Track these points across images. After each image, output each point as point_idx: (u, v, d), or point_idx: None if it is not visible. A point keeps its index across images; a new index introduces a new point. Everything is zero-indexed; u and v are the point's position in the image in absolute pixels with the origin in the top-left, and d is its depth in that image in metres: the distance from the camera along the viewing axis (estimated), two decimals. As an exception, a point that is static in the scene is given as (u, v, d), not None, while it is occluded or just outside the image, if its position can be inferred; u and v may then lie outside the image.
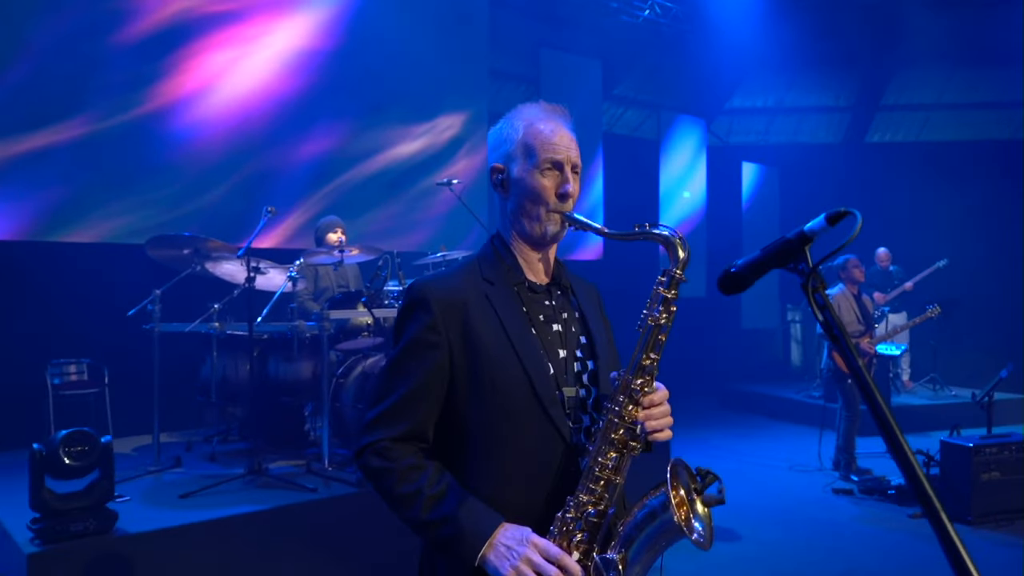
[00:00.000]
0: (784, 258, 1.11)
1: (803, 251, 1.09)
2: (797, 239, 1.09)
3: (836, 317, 1.05)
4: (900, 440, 0.98)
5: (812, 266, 1.06)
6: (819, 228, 1.08)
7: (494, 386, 1.57)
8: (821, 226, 1.07)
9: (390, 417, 1.58)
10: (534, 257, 1.70)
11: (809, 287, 1.06)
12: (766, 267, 1.14)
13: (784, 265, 1.12)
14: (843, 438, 6.44)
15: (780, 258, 1.12)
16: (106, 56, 5.94)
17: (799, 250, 1.09)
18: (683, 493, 1.50)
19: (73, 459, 3.36)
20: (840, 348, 1.02)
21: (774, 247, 1.13)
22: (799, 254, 1.09)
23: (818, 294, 1.06)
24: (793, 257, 1.10)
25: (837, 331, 1.03)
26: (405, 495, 1.53)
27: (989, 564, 4.53)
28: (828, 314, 1.04)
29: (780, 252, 1.12)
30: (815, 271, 1.06)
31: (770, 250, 1.13)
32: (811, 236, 1.09)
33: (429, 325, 1.58)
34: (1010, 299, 10.34)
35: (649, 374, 1.54)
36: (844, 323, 5.15)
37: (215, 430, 5.36)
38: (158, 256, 4.81)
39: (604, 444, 1.52)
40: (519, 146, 1.66)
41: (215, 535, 3.65)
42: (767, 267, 1.14)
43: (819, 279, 1.06)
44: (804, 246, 1.09)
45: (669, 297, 1.54)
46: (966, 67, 11.34)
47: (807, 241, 1.09)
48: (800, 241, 1.09)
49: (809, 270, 1.06)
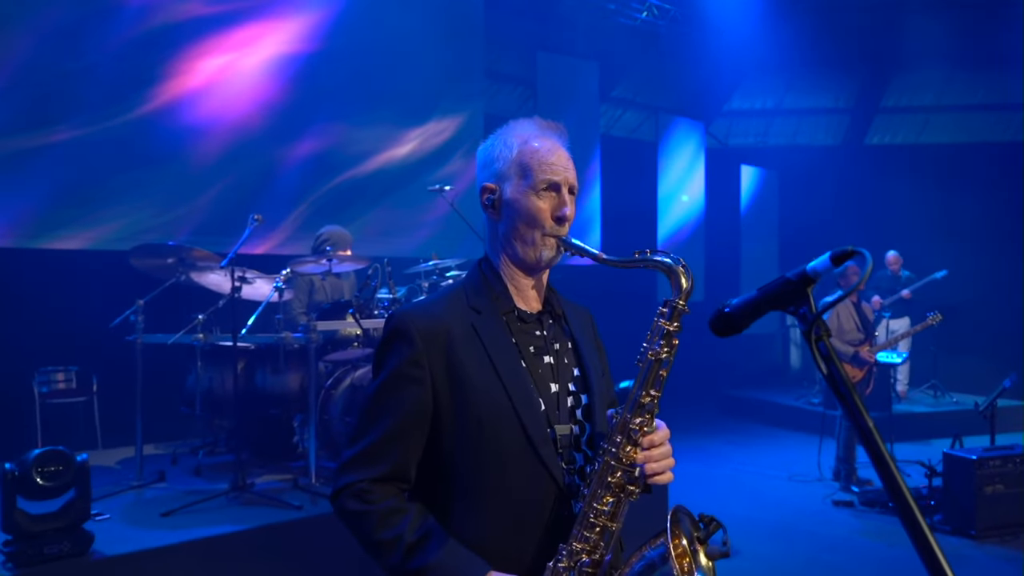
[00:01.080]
0: (784, 301, 1.00)
1: (805, 293, 0.98)
2: (799, 280, 0.98)
3: (842, 371, 0.94)
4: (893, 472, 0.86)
5: (816, 313, 0.95)
6: (823, 269, 0.96)
7: (480, 423, 1.47)
8: (825, 267, 0.96)
9: (369, 457, 1.48)
10: (526, 284, 1.59)
11: (812, 336, 0.94)
12: (763, 309, 1.03)
13: (784, 308, 1.00)
14: (843, 448, 6.33)
15: (779, 300, 1.01)
16: (92, 62, 5.82)
17: (801, 292, 0.98)
18: (685, 543, 1.39)
19: (47, 479, 3.24)
20: (847, 406, 0.91)
21: (773, 288, 1.01)
22: (801, 296, 0.98)
23: (822, 343, 0.94)
24: (794, 300, 0.99)
25: (844, 388, 0.92)
26: (384, 541, 1.43)
27: (993, 581, 4.44)
28: (833, 367, 0.93)
29: (779, 294, 1.00)
30: (819, 318, 0.95)
31: (768, 290, 1.02)
32: (814, 277, 0.97)
33: (411, 359, 1.48)
34: (1011, 304, 10.22)
35: (649, 412, 1.43)
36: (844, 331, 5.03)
37: (201, 442, 5.24)
38: (142, 266, 4.70)
39: (600, 488, 1.42)
40: (513, 165, 1.55)
41: (196, 556, 3.53)
42: (764, 309, 1.03)
43: (823, 326, 0.95)
44: (807, 287, 0.98)
45: (671, 330, 1.43)
46: (966, 69, 11.23)
47: (810, 283, 0.98)
48: (802, 283, 0.98)
49: (812, 317, 0.95)
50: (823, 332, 0.95)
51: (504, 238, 1.57)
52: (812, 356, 0.94)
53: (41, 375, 5.42)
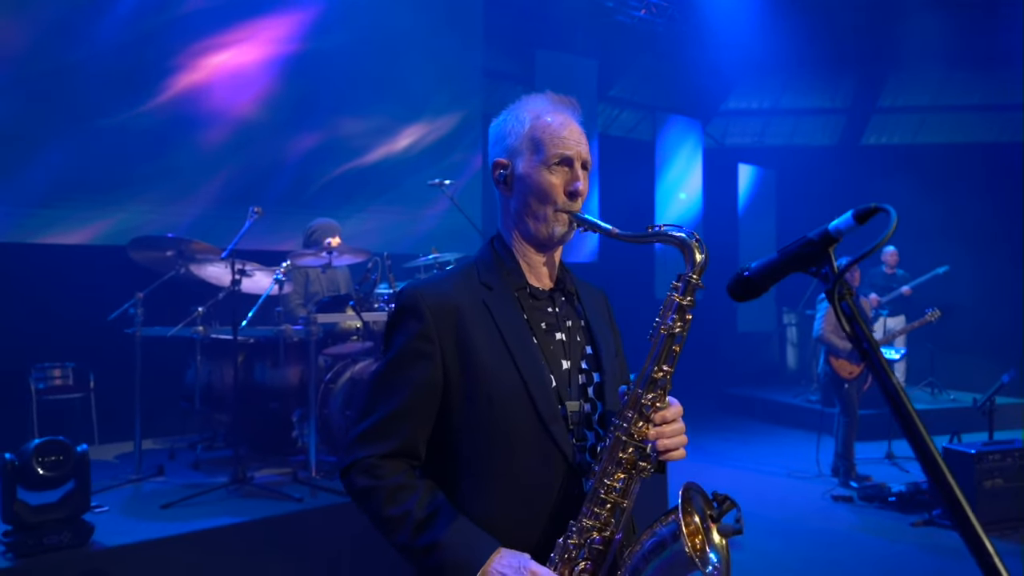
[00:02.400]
0: (806, 261, 0.99)
1: (827, 253, 0.97)
2: (821, 240, 0.97)
3: (865, 329, 0.93)
4: (929, 447, 0.85)
5: (838, 272, 0.94)
6: (846, 227, 0.95)
7: (490, 400, 1.45)
8: (849, 225, 0.95)
9: (378, 433, 1.46)
10: (538, 260, 1.58)
11: (835, 295, 0.94)
12: (785, 271, 1.01)
13: (805, 269, 0.99)
14: (842, 444, 6.33)
15: (801, 261, 0.99)
16: (89, 58, 5.80)
17: (823, 252, 0.97)
18: (697, 521, 1.37)
19: (47, 469, 3.22)
20: (871, 364, 0.90)
21: (794, 249, 1.00)
22: (823, 257, 0.97)
23: (844, 302, 0.93)
24: (815, 261, 0.98)
25: (867, 345, 0.91)
26: (393, 517, 1.42)
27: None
28: (857, 326, 0.92)
29: (801, 254, 0.99)
30: (842, 277, 0.94)
31: (789, 252, 1.01)
32: (837, 236, 0.96)
33: (421, 333, 1.46)
34: (1008, 302, 10.24)
35: (661, 388, 1.41)
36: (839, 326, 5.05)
37: (199, 437, 5.22)
38: (141, 258, 4.69)
39: (611, 464, 1.40)
40: (525, 140, 1.54)
41: (196, 548, 3.51)
42: (786, 271, 1.01)
43: (846, 286, 0.94)
44: (828, 248, 0.97)
45: (684, 304, 1.41)
46: (962, 70, 11.26)
47: (832, 242, 0.97)
48: (824, 242, 0.97)
49: (835, 277, 0.94)
50: (846, 291, 0.94)
51: (516, 214, 1.56)
52: (836, 316, 0.93)
53: (38, 371, 5.38)
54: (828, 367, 6.37)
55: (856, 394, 6.34)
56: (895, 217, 0.90)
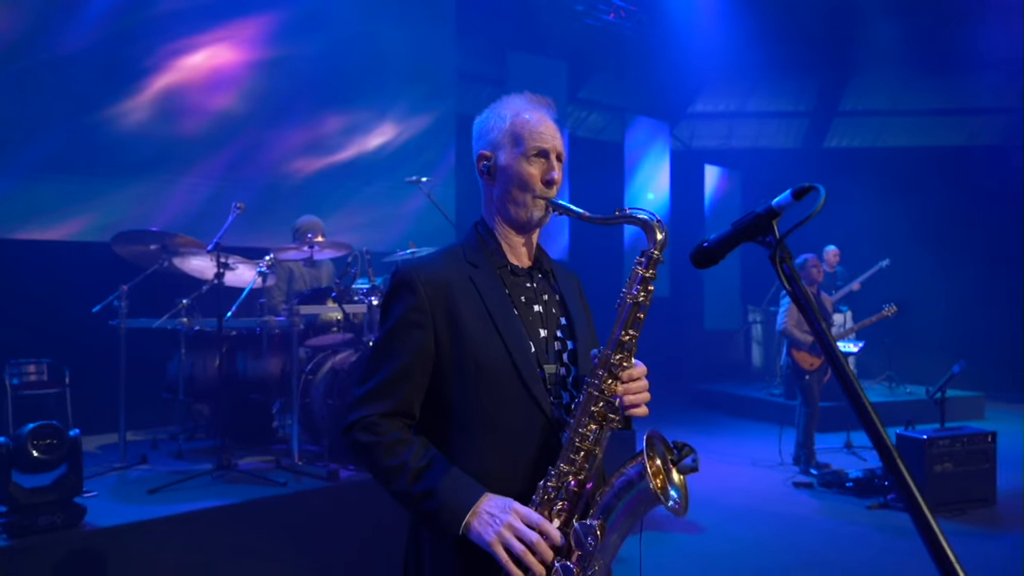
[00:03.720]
0: (753, 232, 1.18)
1: (771, 225, 1.16)
2: (766, 214, 1.17)
3: (803, 288, 1.12)
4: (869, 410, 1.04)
5: (779, 237, 1.13)
6: (786, 203, 1.15)
7: (477, 364, 1.62)
8: (788, 201, 1.14)
9: (377, 394, 1.62)
10: (518, 242, 1.76)
11: (777, 258, 1.13)
12: (737, 241, 1.20)
13: (753, 238, 1.19)
14: (803, 433, 6.59)
15: (750, 232, 1.19)
16: (70, 53, 5.87)
17: (767, 224, 1.16)
18: (659, 463, 1.56)
19: (41, 452, 3.33)
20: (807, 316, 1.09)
21: (744, 221, 1.19)
22: (767, 228, 1.16)
23: (785, 265, 1.13)
24: (762, 231, 1.17)
25: (804, 301, 1.10)
26: (392, 468, 1.58)
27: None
28: (796, 284, 1.11)
29: (750, 226, 1.19)
30: (782, 242, 1.13)
31: (740, 224, 1.20)
32: (779, 211, 1.16)
33: (415, 306, 1.63)
34: (963, 299, 10.68)
35: (628, 350, 1.59)
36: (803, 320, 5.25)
37: (181, 428, 5.32)
38: (125, 253, 4.78)
39: (584, 416, 1.58)
40: (506, 134, 1.71)
41: (185, 529, 3.63)
42: (738, 241, 1.20)
43: (786, 250, 1.13)
44: (772, 220, 1.16)
45: (648, 276, 1.60)
46: (921, 75, 11.66)
47: (775, 215, 1.16)
48: (769, 216, 1.17)
49: (776, 242, 1.13)
50: (787, 256, 1.13)
51: (499, 201, 1.74)
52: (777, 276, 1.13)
53: (12, 367, 5.43)
54: (790, 359, 6.63)
55: (817, 386, 6.61)
56: (823, 194, 1.09)
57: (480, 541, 1.51)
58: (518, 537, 1.49)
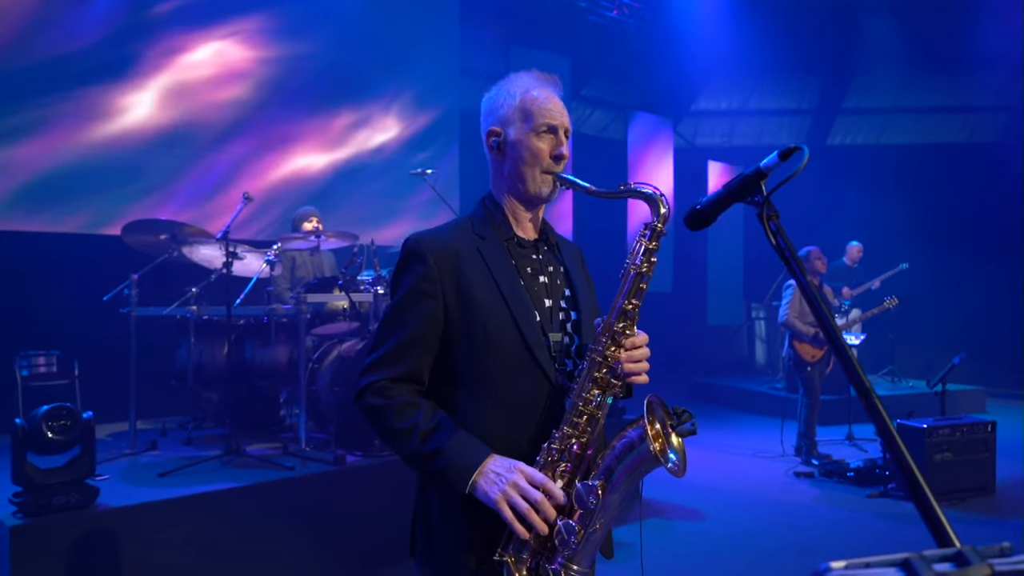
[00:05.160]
0: (743, 193, 1.25)
1: (759, 185, 1.23)
2: (754, 175, 1.23)
3: (789, 244, 1.19)
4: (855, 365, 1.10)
5: (765, 195, 1.20)
6: (773, 164, 1.22)
7: (485, 332, 1.68)
8: (775, 162, 1.21)
9: (388, 360, 1.69)
10: (525, 216, 1.82)
11: (764, 215, 1.20)
12: (728, 202, 1.27)
13: (743, 199, 1.25)
14: (804, 425, 6.65)
15: (739, 193, 1.25)
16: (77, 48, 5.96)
17: (755, 185, 1.23)
18: (659, 427, 1.63)
19: (55, 433, 3.41)
20: (792, 272, 1.16)
21: (734, 183, 1.26)
22: (755, 188, 1.23)
23: (772, 222, 1.20)
24: (751, 191, 1.24)
25: (788, 254, 1.17)
26: (402, 430, 1.64)
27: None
28: (781, 239, 1.18)
29: (739, 187, 1.25)
30: (768, 200, 1.20)
31: (730, 186, 1.27)
32: (766, 172, 1.22)
33: (425, 276, 1.69)
34: (965, 295, 10.72)
35: (631, 319, 1.65)
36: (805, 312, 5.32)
37: (189, 417, 5.40)
38: (134, 243, 4.86)
39: (588, 382, 1.64)
40: (516, 111, 1.77)
41: (195, 510, 3.72)
42: (728, 202, 1.27)
43: (772, 208, 1.20)
44: (760, 181, 1.23)
45: (651, 248, 1.66)
46: (923, 73, 11.71)
47: (763, 176, 1.23)
48: (756, 177, 1.23)
49: (763, 199, 1.20)
50: (773, 213, 1.20)
51: (509, 175, 1.79)
52: (766, 235, 1.19)
53: (22, 359, 5.50)
54: (792, 351, 6.70)
55: (818, 377, 6.67)
56: (807, 153, 1.16)
57: (486, 499, 1.57)
58: (523, 495, 1.55)
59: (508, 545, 1.61)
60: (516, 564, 1.62)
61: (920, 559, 0.71)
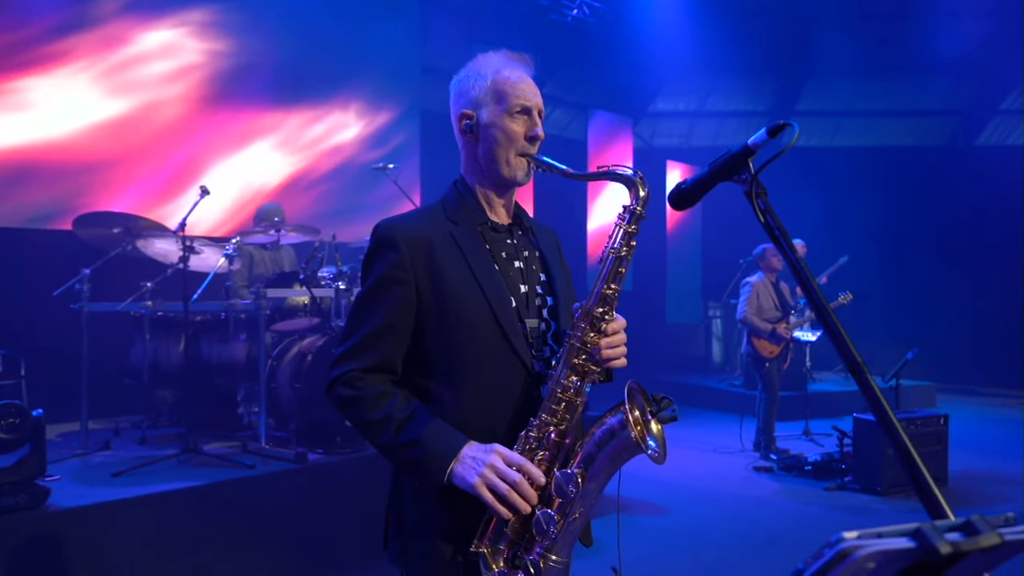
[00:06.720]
0: (730, 171, 1.23)
1: (746, 163, 1.21)
2: (741, 152, 1.22)
3: (777, 221, 1.18)
4: (851, 350, 1.09)
5: (753, 173, 1.19)
6: (761, 141, 1.20)
7: (459, 319, 1.63)
8: (763, 139, 1.20)
9: (359, 350, 1.63)
10: (498, 201, 1.77)
11: (752, 193, 1.18)
12: (713, 181, 1.26)
13: (729, 177, 1.24)
14: (763, 420, 6.73)
15: (726, 171, 1.24)
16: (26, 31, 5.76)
17: (743, 163, 1.22)
18: (638, 414, 1.60)
19: (3, 432, 3.28)
20: (781, 249, 1.15)
21: (720, 161, 1.25)
22: (743, 166, 1.22)
23: (760, 199, 1.18)
24: (737, 169, 1.22)
25: (778, 232, 1.16)
26: (376, 421, 1.59)
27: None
28: (770, 217, 1.17)
29: (726, 165, 1.24)
30: (756, 178, 1.19)
31: (716, 164, 1.25)
32: (754, 149, 1.21)
33: (396, 263, 1.63)
34: (915, 294, 10.99)
35: (610, 304, 1.62)
36: (763, 309, 5.38)
37: (144, 416, 5.25)
38: (86, 236, 4.71)
39: (566, 368, 1.60)
40: (488, 92, 1.72)
41: (151, 510, 3.60)
42: (714, 181, 1.26)
43: (760, 185, 1.19)
44: (747, 159, 1.21)
45: (630, 231, 1.64)
46: (874, 78, 11.98)
47: (750, 154, 1.21)
48: (744, 154, 1.22)
49: (751, 178, 1.18)
50: (762, 191, 1.19)
51: (483, 158, 1.73)
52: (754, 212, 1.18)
53: (-34, 359, 5.31)
54: (750, 347, 6.77)
55: (776, 373, 6.75)
56: (796, 129, 1.15)
57: (464, 485, 1.52)
58: (501, 477, 1.51)
59: (485, 535, 1.58)
60: (493, 555, 1.58)
61: (931, 528, 0.71)
